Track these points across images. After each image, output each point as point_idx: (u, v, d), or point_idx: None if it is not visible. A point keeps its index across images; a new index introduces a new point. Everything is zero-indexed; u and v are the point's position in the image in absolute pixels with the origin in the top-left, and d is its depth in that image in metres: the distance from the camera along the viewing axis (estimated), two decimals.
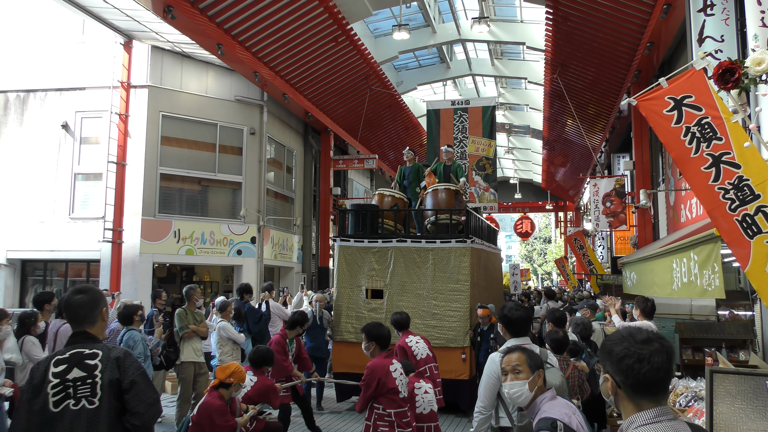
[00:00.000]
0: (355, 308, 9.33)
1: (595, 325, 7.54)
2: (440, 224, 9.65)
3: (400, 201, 10.33)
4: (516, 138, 30.22)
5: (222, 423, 5.27)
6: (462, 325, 8.78)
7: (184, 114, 14.97)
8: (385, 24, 18.07)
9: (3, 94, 14.89)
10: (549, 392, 3.03)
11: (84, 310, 3.05)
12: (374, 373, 5.14)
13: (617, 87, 14.74)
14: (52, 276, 15.10)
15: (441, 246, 9.11)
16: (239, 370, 5.46)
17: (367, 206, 10.56)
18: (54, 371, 2.84)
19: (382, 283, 9.26)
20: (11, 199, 14.47)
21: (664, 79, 3.64)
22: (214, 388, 5.33)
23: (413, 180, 10.98)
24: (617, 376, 1.98)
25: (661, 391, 1.95)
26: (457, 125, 16.20)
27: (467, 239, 9.09)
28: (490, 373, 3.89)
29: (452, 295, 8.88)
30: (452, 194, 9.89)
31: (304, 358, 7.71)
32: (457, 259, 8.96)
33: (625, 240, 18.67)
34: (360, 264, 9.44)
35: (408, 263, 9.18)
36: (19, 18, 14.98)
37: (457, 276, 8.91)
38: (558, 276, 41.37)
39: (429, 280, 9.02)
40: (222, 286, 17.08)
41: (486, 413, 3.91)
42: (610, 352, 2.00)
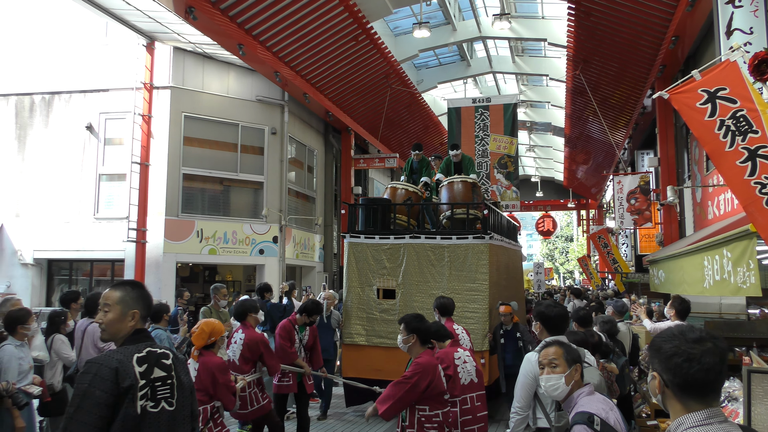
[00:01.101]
0: (365, 309, 8.75)
1: (621, 326, 7.42)
2: (456, 219, 8.97)
3: (413, 195, 9.64)
4: (537, 135, 29.98)
5: (225, 381, 5.06)
6: (480, 328, 8.15)
7: (206, 114, 15.07)
8: (405, 22, 18.02)
9: (29, 96, 15.10)
10: (587, 387, 2.99)
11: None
12: (426, 372, 4.45)
13: (641, 82, 14.54)
14: (77, 275, 15.28)
15: (457, 242, 8.45)
16: (214, 325, 5.21)
17: (379, 200, 9.90)
18: (139, 371, 2.70)
19: (394, 283, 8.66)
20: (38, 200, 14.67)
21: (697, 72, 3.56)
22: (204, 349, 5.11)
23: (422, 173, 10.52)
24: (665, 375, 1.91)
25: (710, 393, 1.88)
26: (478, 123, 16.10)
27: (486, 235, 8.39)
28: (526, 372, 3.87)
29: (470, 296, 8.26)
30: (469, 187, 9.25)
31: (316, 352, 7.37)
32: (474, 257, 8.31)
33: (650, 238, 18.41)
34: (371, 262, 8.83)
35: (422, 261, 8.56)
36: (43, 21, 15.18)
37: (474, 275, 8.28)
38: (580, 275, 41.00)
39: (444, 280, 8.40)
40: (244, 285, 17.16)
41: (523, 414, 3.88)
42: (659, 349, 1.94)
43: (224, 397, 5.09)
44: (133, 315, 2.83)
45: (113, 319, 2.81)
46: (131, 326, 2.83)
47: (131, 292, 2.87)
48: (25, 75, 15.07)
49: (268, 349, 6.21)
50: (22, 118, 15.07)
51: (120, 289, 2.87)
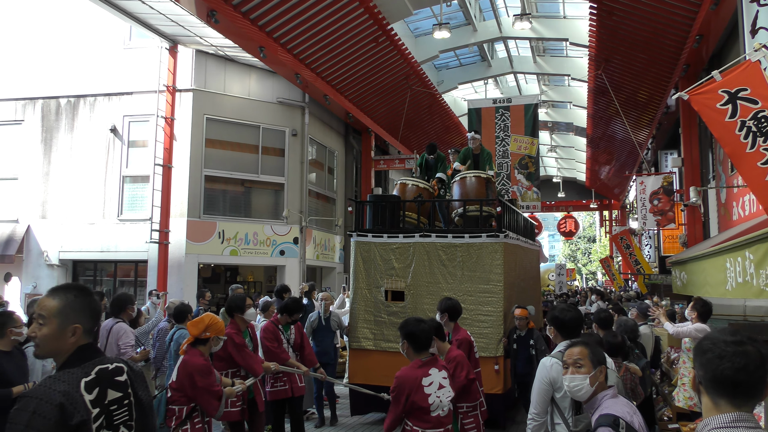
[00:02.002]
0: (373, 312, 8.27)
1: (643, 328, 7.35)
2: (469, 216, 8.45)
3: (424, 191, 9.09)
4: (559, 136, 29.76)
5: (204, 385, 4.67)
6: (495, 332, 7.68)
7: (228, 116, 15.21)
8: (425, 23, 18.00)
9: (55, 99, 15.36)
10: (611, 390, 2.96)
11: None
12: (402, 386, 4.17)
13: (664, 82, 14.37)
14: (101, 276, 15.51)
15: (470, 241, 7.95)
16: (215, 322, 4.87)
17: (387, 197, 9.49)
18: (90, 399, 2.22)
19: (402, 284, 8.18)
20: (63, 202, 14.92)
21: (717, 72, 3.52)
22: (191, 346, 4.78)
23: (436, 169, 9.92)
24: (699, 371, 1.94)
25: (741, 395, 1.86)
26: (499, 124, 16.04)
27: (500, 233, 7.89)
28: (542, 378, 3.83)
29: (483, 298, 7.77)
30: (483, 182, 8.71)
31: (307, 352, 6.94)
32: (488, 257, 7.82)
33: (674, 239, 18.19)
34: (378, 262, 8.36)
35: (432, 261, 8.08)
36: (69, 26, 15.43)
37: (488, 275, 7.79)
38: (603, 276, 40.60)
39: (456, 281, 7.92)
40: (265, 286, 17.27)
41: (540, 420, 3.85)
42: (699, 345, 1.98)
43: (204, 402, 4.75)
44: (74, 330, 2.30)
45: (49, 334, 2.29)
46: (72, 343, 2.30)
47: (73, 302, 2.33)
48: (51, 79, 15.34)
49: (236, 348, 5.83)
50: (48, 122, 15.34)
51: (59, 297, 2.34)
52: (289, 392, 6.57)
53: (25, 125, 15.46)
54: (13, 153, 15.49)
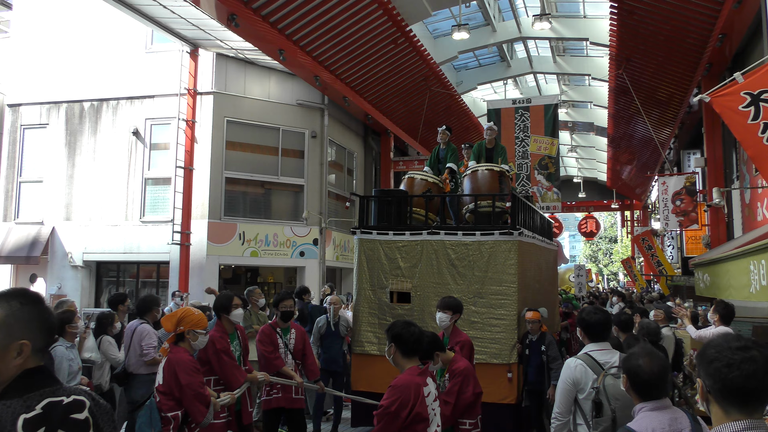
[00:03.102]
0: (377, 314, 7.72)
1: (665, 330, 7.27)
2: (481, 213, 7.82)
3: (433, 186, 8.53)
4: (579, 136, 29.54)
5: (189, 383, 4.30)
6: (508, 337, 7.10)
7: (248, 119, 15.33)
8: (444, 24, 17.99)
9: (78, 103, 15.59)
10: (653, 402, 2.73)
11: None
12: (404, 396, 3.59)
13: (687, 81, 14.21)
14: (124, 277, 15.71)
15: (482, 239, 7.36)
16: (188, 314, 4.48)
17: (393, 191, 8.86)
18: None
19: (409, 285, 7.64)
20: (87, 204, 15.14)
21: (740, 74, 3.48)
22: (173, 344, 4.47)
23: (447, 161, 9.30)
24: (707, 381, 1.92)
25: (752, 402, 1.85)
26: (519, 124, 15.97)
27: (514, 231, 7.31)
28: (566, 378, 3.87)
29: (496, 300, 7.21)
30: (495, 176, 8.11)
31: (309, 360, 6.37)
32: (501, 256, 7.25)
33: (697, 240, 17.97)
34: (383, 261, 7.80)
35: (441, 261, 7.51)
36: (92, 32, 15.64)
37: (501, 276, 7.22)
38: (625, 277, 40.22)
39: (467, 282, 7.35)
40: (285, 287, 17.37)
41: (563, 419, 3.88)
42: (703, 354, 1.95)
43: (189, 404, 4.34)
44: (20, 348, 1.77)
45: None
46: (17, 365, 1.77)
47: (19, 312, 1.80)
48: (75, 83, 15.56)
49: (216, 354, 5.21)
50: (72, 125, 15.58)
51: (1, 307, 1.80)
52: (283, 402, 6.02)
53: (50, 129, 15.72)
54: (39, 156, 15.76)
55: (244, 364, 5.61)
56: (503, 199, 7.76)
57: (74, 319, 5.79)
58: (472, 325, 7.12)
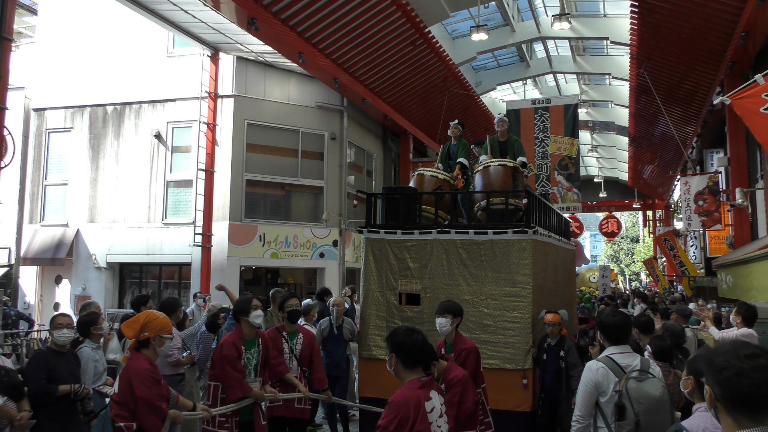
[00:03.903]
0: (386, 317, 7.40)
1: (686, 332, 7.20)
2: (493, 210, 7.46)
3: (444, 183, 8.11)
4: (600, 135, 29.30)
5: (144, 393, 3.94)
6: (523, 341, 6.72)
7: (268, 121, 15.44)
8: (462, 25, 17.96)
9: (102, 107, 15.83)
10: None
11: None
12: (404, 413, 3.28)
13: (709, 79, 14.04)
14: (147, 278, 15.92)
15: (494, 238, 6.99)
16: (152, 319, 4.13)
17: (402, 189, 8.54)
18: None
19: (419, 286, 7.30)
20: (110, 206, 15.37)
21: (761, 76, 3.46)
22: (134, 350, 4.12)
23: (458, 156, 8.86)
24: (716, 389, 1.92)
25: (762, 410, 1.85)
26: (538, 125, 15.87)
27: (528, 229, 6.92)
28: (587, 381, 3.88)
29: (509, 302, 6.83)
30: (509, 172, 7.70)
31: (317, 368, 6.03)
32: (515, 255, 6.89)
33: (720, 240, 17.75)
34: (392, 261, 7.47)
35: (452, 260, 7.15)
36: (114, 37, 15.87)
37: (515, 276, 6.85)
38: (647, 277, 39.81)
39: (479, 282, 7.00)
40: (305, 288, 17.47)
41: (584, 422, 3.89)
42: (711, 362, 1.95)
43: (143, 417, 3.98)
44: None
45: None
46: None
47: None
48: (98, 88, 15.80)
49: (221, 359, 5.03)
50: (95, 129, 15.82)
51: None
52: (285, 410, 5.72)
53: (74, 132, 15.98)
54: (63, 159, 16.04)
55: (260, 374, 5.39)
56: (517, 195, 7.43)
57: (99, 320, 5.90)
58: (485, 328, 6.87)
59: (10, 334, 9.76)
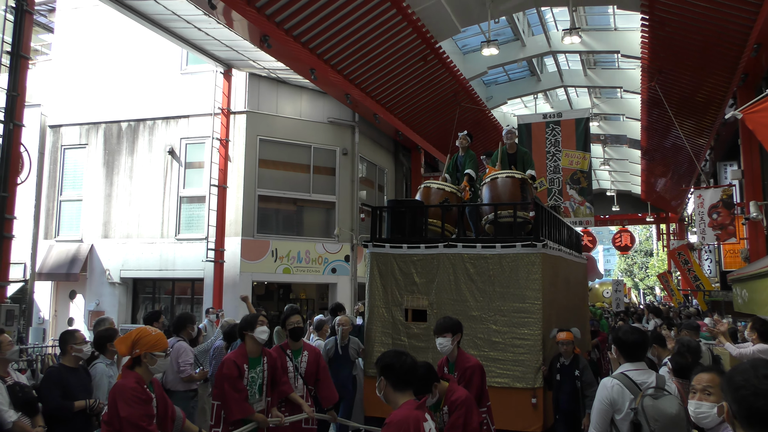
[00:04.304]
0: (391, 333, 7.20)
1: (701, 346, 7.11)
2: (501, 223, 7.29)
3: (451, 195, 8.01)
4: (612, 149, 29.21)
5: (127, 414, 3.71)
6: (533, 359, 6.49)
7: (280, 137, 15.55)
8: (473, 40, 18.02)
9: (116, 124, 16.01)
10: None
11: None
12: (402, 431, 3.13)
13: (722, 92, 13.98)
14: (160, 294, 15.99)
15: (502, 252, 6.80)
16: (144, 336, 3.89)
17: (407, 202, 8.42)
18: None
19: (425, 301, 7.09)
20: (124, 222, 15.49)
21: None
22: (128, 368, 3.91)
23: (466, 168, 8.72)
24: (733, 406, 1.95)
25: None
26: (550, 139, 15.87)
27: (537, 242, 6.74)
28: (602, 398, 3.85)
29: (519, 318, 6.62)
30: (517, 184, 7.53)
31: (324, 386, 5.77)
32: (524, 270, 6.68)
33: (735, 253, 17.57)
34: (398, 276, 7.30)
35: (459, 275, 6.97)
36: (129, 54, 16.08)
37: (524, 292, 6.64)
38: (661, 291, 39.44)
39: (486, 298, 6.80)
40: (318, 303, 17.47)
41: None
42: (730, 380, 1.98)
43: None
44: None
45: None
46: None
47: None
48: (113, 104, 16.00)
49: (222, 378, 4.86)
50: (110, 145, 15.99)
51: None
52: (290, 430, 5.40)
53: (89, 149, 16.16)
54: (78, 176, 16.21)
55: (268, 394, 5.20)
56: (526, 207, 7.27)
57: (116, 337, 5.92)
58: (494, 345, 6.65)
59: (24, 350, 9.83)
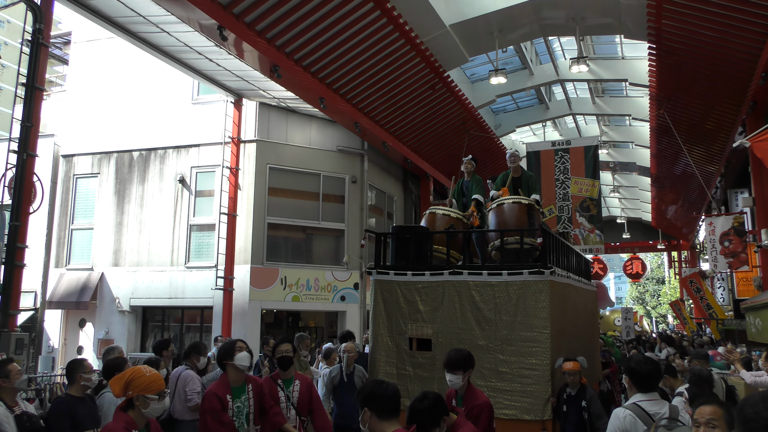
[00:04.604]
0: (395, 364, 7.02)
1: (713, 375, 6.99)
2: (508, 250, 7.13)
3: (456, 221, 7.83)
4: (622, 176, 29.17)
5: None
6: (541, 389, 6.26)
7: (290, 165, 15.65)
8: (481, 69, 18.17)
9: (128, 153, 16.19)
10: None
11: None
12: None
13: (731, 119, 13.98)
14: (169, 322, 15.98)
15: (509, 279, 6.63)
16: (138, 376, 3.71)
17: (412, 228, 8.38)
18: None
19: (430, 330, 6.91)
20: (135, 250, 15.56)
21: None
22: (121, 410, 3.73)
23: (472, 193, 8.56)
24: None
25: None
26: (558, 166, 15.88)
27: (545, 269, 6.56)
28: (614, 429, 3.84)
29: (526, 347, 6.42)
30: (523, 209, 7.41)
31: (319, 415, 5.54)
32: (531, 297, 6.50)
33: (748, 281, 17.38)
34: (402, 304, 7.15)
35: (464, 303, 6.78)
36: (141, 84, 16.32)
37: (532, 320, 6.45)
38: (674, 319, 38.98)
39: (493, 327, 6.61)
40: (327, 331, 17.38)
41: None
42: (741, 410, 1.99)
43: None
44: None
45: None
46: None
47: None
48: (125, 134, 16.20)
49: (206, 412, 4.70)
50: (121, 174, 16.14)
51: None
52: None
53: (101, 178, 16.32)
54: (90, 204, 16.35)
55: (257, 422, 5.02)
56: (533, 234, 7.06)
57: (125, 367, 5.91)
58: (501, 375, 6.43)
59: (33, 379, 9.81)
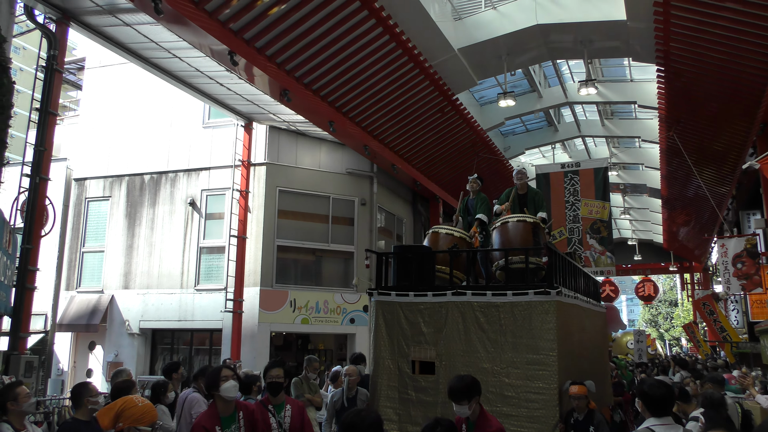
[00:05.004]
0: (397, 387, 6.77)
1: (726, 399, 6.87)
2: (513, 269, 6.95)
3: (460, 241, 7.63)
4: (632, 198, 29.07)
5: None
6: (549, 414, 6.03)
7: (299, 188, 15.72)
8: (490, 92, 18.27)
9: (139, 176, 16.31)
10: None
11: None
12: None
13: (741, 141, 13.94)
14: (178, 345, 15.95)
15: (514, 300, 6.41)
16: (129, 407, 3.63)
17: (414, 248, 8.24)
18: None
19: (433, 353, 6.66)
20: (145, 273, 15.60)
21: None
22: None
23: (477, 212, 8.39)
24: None
25: None
26: (568, 188, 15.86)
27: (551, 289, 6.33)
28: None
29: (532, 370, 6.18)
30: (529, 228, 7.23)
31: None
32: (538, 318, 6.27)
33: (763, 303, 17.16)
34: (404, 326, 6.92)
35: (468, 325, 6.56)
36: (152, 109, 16.50)
37: (538, 342, 6.21)
38: (687, 342, 38.50)
39: (498, 349, 6.36)
40: (336, 354, 17.29)
41: None
42: None
43: None
44: None
45: None
46: None
47: None
48: (136, 157, 16.34)
49: None
50: (132, 197, 16.26)
51: None
52: None
53: (112, 201, 16.43)
54: (101, 227, 16.44)
55: None
56: (538, 253, 6.87)
57: (133, 390, 5.89)
58: (506, 400, 6.18)
59: (42, 402, 9.81)
